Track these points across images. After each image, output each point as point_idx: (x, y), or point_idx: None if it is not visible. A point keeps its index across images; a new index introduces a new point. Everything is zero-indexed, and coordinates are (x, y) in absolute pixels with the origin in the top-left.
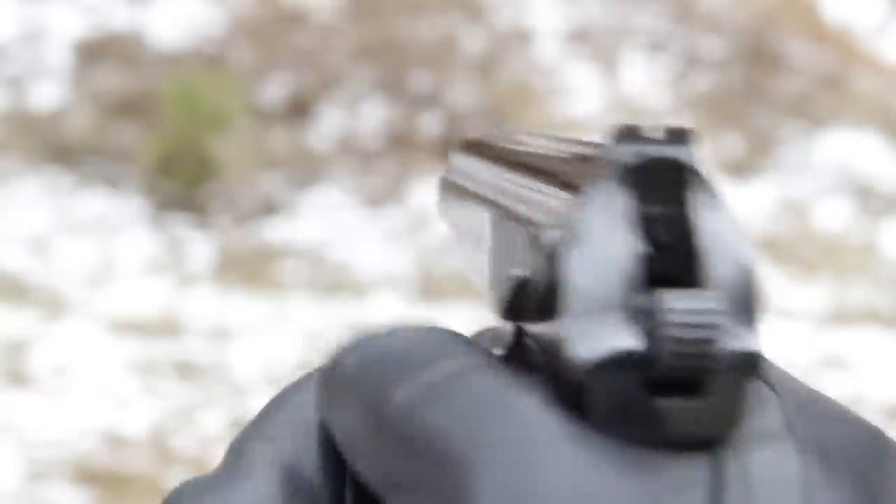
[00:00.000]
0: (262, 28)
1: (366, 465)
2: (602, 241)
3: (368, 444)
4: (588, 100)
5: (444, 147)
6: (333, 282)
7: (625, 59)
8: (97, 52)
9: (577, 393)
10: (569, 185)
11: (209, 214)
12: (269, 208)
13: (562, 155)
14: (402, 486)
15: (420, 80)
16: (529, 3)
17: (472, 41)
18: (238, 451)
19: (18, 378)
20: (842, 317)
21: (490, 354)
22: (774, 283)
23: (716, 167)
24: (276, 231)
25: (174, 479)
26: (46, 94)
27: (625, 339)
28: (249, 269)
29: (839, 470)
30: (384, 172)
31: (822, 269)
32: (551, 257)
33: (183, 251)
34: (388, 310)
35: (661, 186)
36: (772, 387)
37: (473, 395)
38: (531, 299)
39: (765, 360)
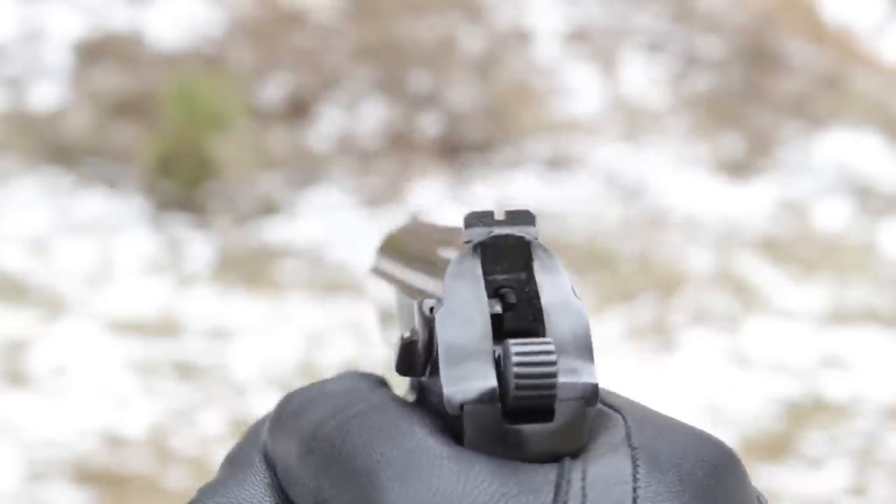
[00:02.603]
0: (262, 28)
1: (297, 489)
2: (462, 305)
3: (299, 470)
4: (587, 100)
5: (444, 147)
6: (333, 282)
7: (624, 59)
8: (96, 52)
9: (454, 424)
10: (443, 264)
11: (208, 214)
12: (268, 208)
13: (443, 240)
14: (326, 501)
15: (419, 81)
16: (529, 3)
17: (472, 41)
18: (232, 460)
19: (18, 378)
20: (841, 317)
21: (395, 397)
22: (774, 284)
23: (715, 167)
24: (276, 231)
25: (173, 479)
26: (46, 95)
27: (483, 381)
28: (249, 270)
29: (665, 469)
30: (383, 172)
31: (821, 269)
32: (429, 321)
33: (182, 251)
34: None
35: (506, 258)
36: (619, 411)
37: (377, 425)
38: (418, 355)
39: (607, 390)
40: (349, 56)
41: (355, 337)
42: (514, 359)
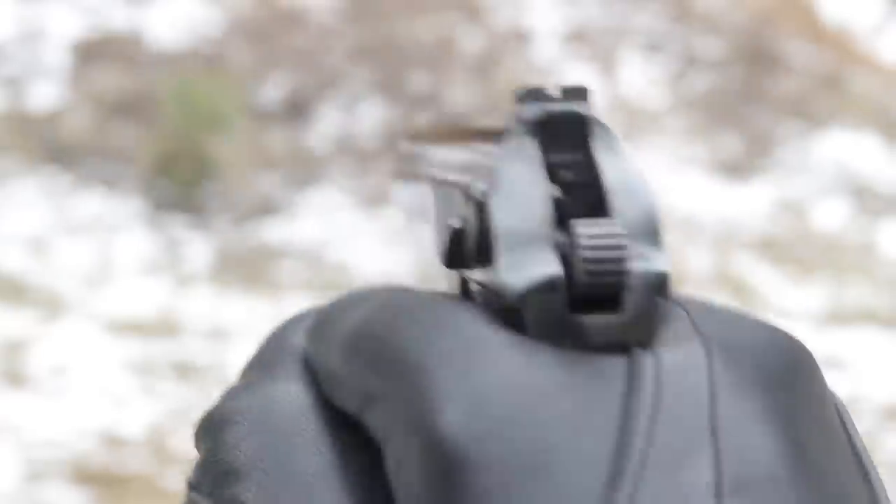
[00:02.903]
0: (261, 28)
1: (342, 393)
2: (519, 187)
3: (346, 371)
4: None
5: None
6: (331, 282)
7: (623, 60)
8: (95, 52)
9: (513, 316)
10: (490, 147)
11: (207, 214)
12: (267, 208)
13: (486, 127)
14: (375, 399)
15: (418, 81)
16: (528, 3)
17: (471, 41)
18: (256, 364)
19: (17, 378)
20: (839, 317)
21: (441, 292)
22: (772, 283)
23: (714, 167)
24: (275, 231)
25: (172, 479)
26: (45, 95)
27: (546, 266)
28: (247, 270)
29: (739, 357)
30: (382, 173)
31: (819, 270)
32: (479, 206)
33: (181, 251)
34: None
35: (564, 136)
36: (679, 303)
37: (429, 319)
38: (467, 245)
39: (673, 282)
40: (349, 56)
41: None
42: (583, 241)
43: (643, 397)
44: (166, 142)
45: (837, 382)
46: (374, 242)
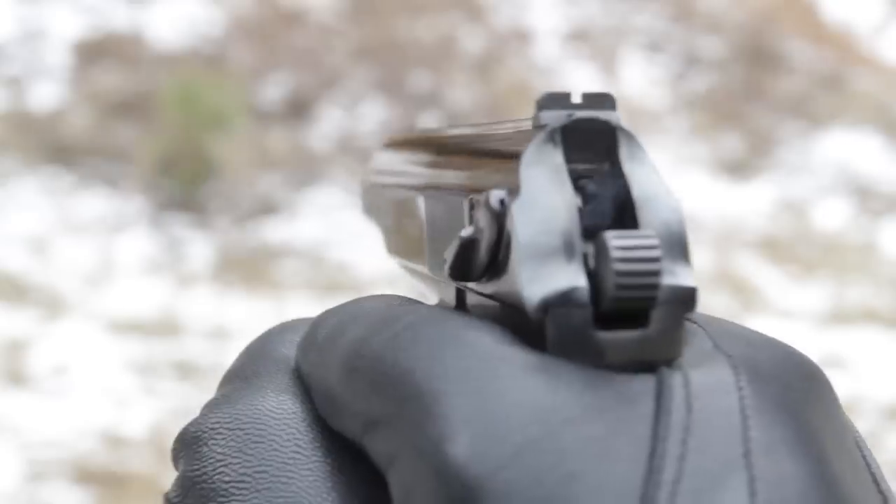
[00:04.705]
0: (262, 28)
1: (341, 417)
2: (542, 196)
3: (345, 392)
4: None
5: None
6: (333, 281)
7: (624, 59)
8: (96, 52)
9: (532, 331)
10: (504, 155)
11: (208, 214)
12: (268, 208)
13: (492, 132)
14: (378, 424)
15: (419, 80)
16: (529, 3)
17: (472, 41)
18: (238, 374)
19: (18, 378)
20: (841, 316)
21: (446, 307)
22: (774, 283)
23: (715, 167)
24: (276, 231)
25: (173, 479)
26: (46, 94)
27: (570, 278)
28: (249, 269)
29: (765, 377)
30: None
31: (821, 269)
32: (498, 215)
33: (182, 251)
34: None
35: (589, 144)
36: (694, 321)
37: (433, 337)
38: (479, 256)
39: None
40: (349, 56)
41: None
42: (615, 253)
43: (674, 420)
44: (167, 141)
45: (839, 382)
46: (374, 242)
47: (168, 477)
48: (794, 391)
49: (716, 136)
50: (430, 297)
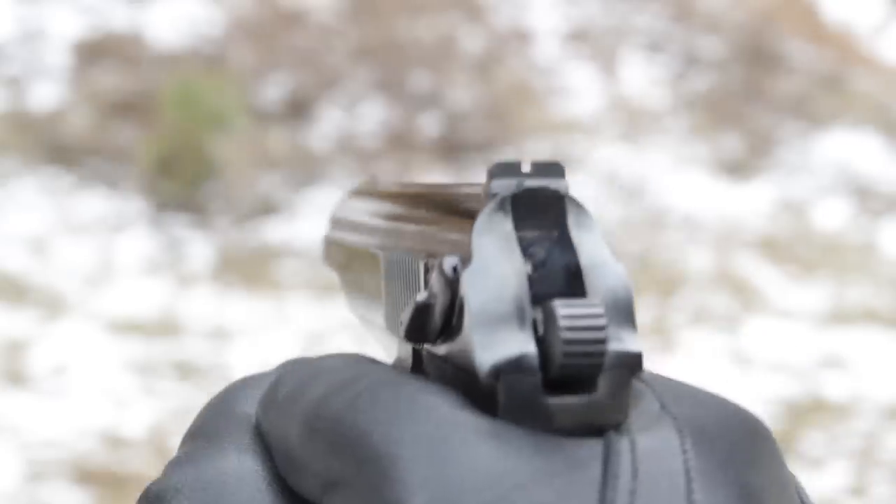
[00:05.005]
0: (262, 28)
1: (300, 476)
2: (493, 264)
3: (305, 452)
4: (587, 100)
5: (444, 147)
6: (332, 281)
7: (624, 59)
8: (96, 52)
9: (484, 395)
10: (457, 219)
11: (208, 214)
12: (268, 208)
13: (448, 194)
14: (336, 486)
15: (419, 81)
16: (529, 3)
17: (472, 41)
18: (201, 432)
19: (18, 378)
20: (841, 317)
21: (402, 370)
22: (773, 283)
23: (715, 167)
24: (276, 231)
25: None
26: (46, 94)
27: (520, 345)
28: (248, 270)
29: (710, 438)
30: (383, 172)
31: (820, 269)
32: (451, 281)
33: (182, 251)
34: None
35: (538, 212)
36: (641, 380)
37: (391, 400)
38: (434, 320)
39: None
40: (349, 56)
41: (355, 337)
42: (562, 322)
43: (621, 484)
44: (167, 142)
45: (839, 382)
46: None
47: None
48: (737, 450)
49: (716, 136)
50: (387, 349)
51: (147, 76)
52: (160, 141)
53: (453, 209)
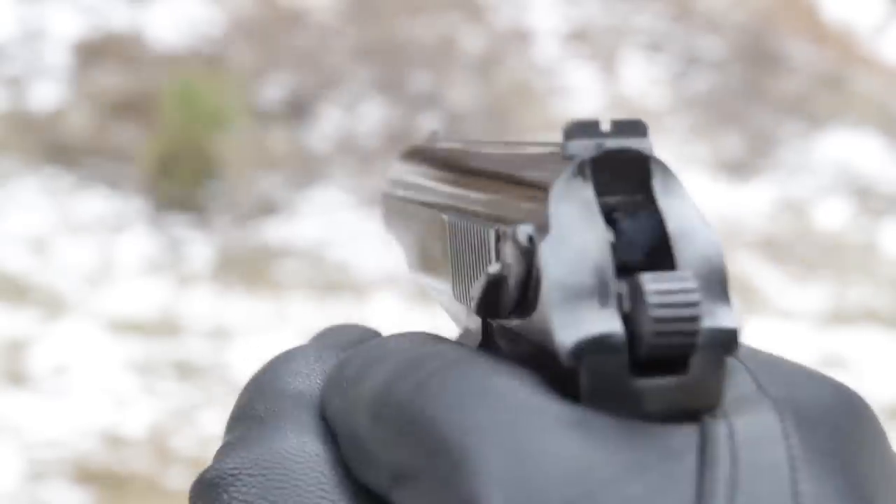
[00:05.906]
0: (262, 28)
1: (367, 467)
2: (573, 234)
3: (372, 440)
4: (587, 100)
5: None
6: (333, 281)
7: (624, 59)
8: (96, 52)
9: (564, 378)
10: (531, 184)
11: (209, 214)
12: (268, 208)
13: (518, 156)
14: (405, 478)
15: (419, 80)
16: (529, 3)
17: (472, 41)
18: (250, 413)
19: (18, 378)
20: (841, 316)
21: (473, 349)
22: (774, 283)
23: (715, 167)
24: (276, 231)
25: (173, 479)
26: (46, 94)
27: (605, 323)
28: (249, 269)
29: (812, 422)
30: (383, 172)
31: (821, 269)
32: (527, 252)
33: (182, 251)
34: (387, 309)
35: (620, 176)
36: (735, 356)
37: (462, 383)
38: (508, 294)
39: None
40: (349, 56)
41: None
42: (651, 298)
43: (719, 475)
44: (167, 142)
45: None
46: (375, 242)
47: (168, 477)
48: (841, 435)
49: (716, 136)
50: (455, 319)
51: (147, 76)
52: (160, 141)
53: (525, 172)
